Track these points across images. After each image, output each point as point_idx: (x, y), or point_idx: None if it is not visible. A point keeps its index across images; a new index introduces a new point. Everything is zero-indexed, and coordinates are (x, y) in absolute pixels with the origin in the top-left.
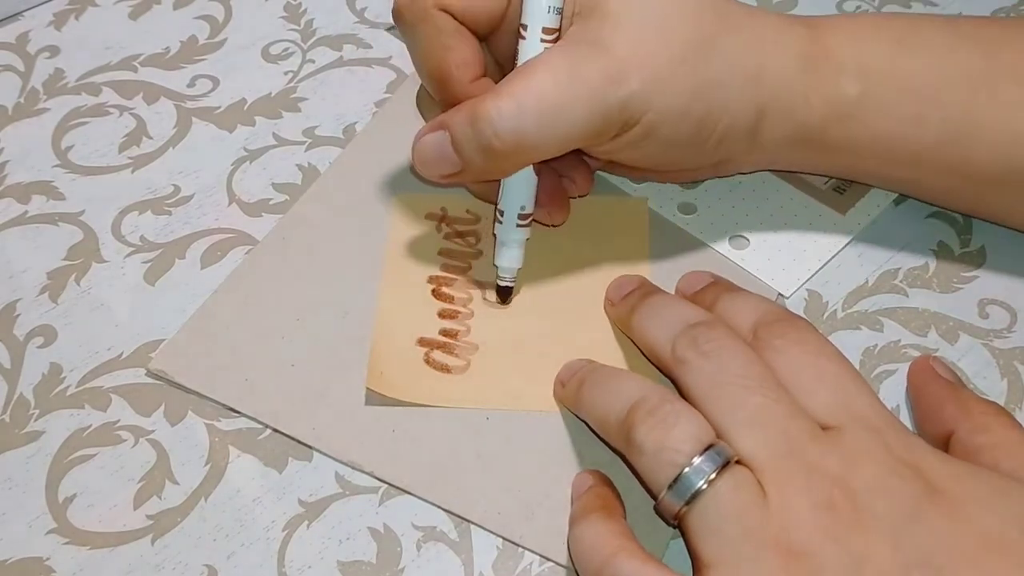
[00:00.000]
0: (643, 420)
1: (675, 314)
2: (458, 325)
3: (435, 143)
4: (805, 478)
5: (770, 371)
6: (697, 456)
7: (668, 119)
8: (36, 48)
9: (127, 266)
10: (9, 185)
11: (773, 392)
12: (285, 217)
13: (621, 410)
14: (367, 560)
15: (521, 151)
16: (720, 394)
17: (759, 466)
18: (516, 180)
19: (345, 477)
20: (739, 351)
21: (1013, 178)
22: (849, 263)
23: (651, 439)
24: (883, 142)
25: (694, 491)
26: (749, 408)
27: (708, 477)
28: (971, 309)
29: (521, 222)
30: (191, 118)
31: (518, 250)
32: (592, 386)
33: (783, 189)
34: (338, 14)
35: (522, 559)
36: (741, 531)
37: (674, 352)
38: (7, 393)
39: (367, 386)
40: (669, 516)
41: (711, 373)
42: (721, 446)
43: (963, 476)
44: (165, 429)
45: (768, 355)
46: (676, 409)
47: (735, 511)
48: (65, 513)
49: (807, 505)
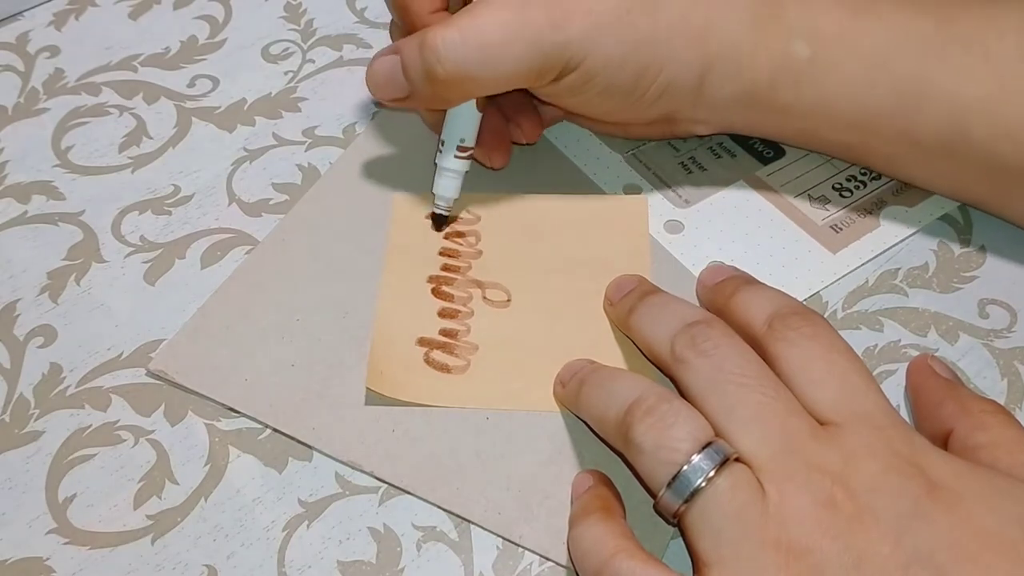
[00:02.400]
0: (641, 419)
1: (673, 313)
2: (458, 325)
3: (387, 66)
4: (805, 475)
5: (769, 370)
6: (696, 454)
7: (606, 68)
8: (36, 48)
9: (127, 266)
10: (9, 185)
11: (772, 390)
12: (285, 218)
13: (619, 409)
14: (367, 560)
15: (463, 82)
16: (719, 392)
17: (758, 464)
18: (459, 112)
19: (345, 477)
20: (738, 349)
21: (961, 148)
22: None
23: (649, 438)
24: (833, 104)
25: (693, 489)
26: (748, 406)
27: (707, 475)
28: (971, 309)
29: (460, 154)
30: (191, 118)
31: (455, 180)
32: (592, 386)
33: (776, 218)
34: (338, 14)
35: (522, 559)
36: (740, 529)
37: (673, 351)
38: (7, 393)
39: (367, 386)
40: (668, 515)
41: (709, 372)
42: (720, 444)
43: (964, 474)
44: (165, 429)
45: (780, 346)
46: (674, 408)
47: (734, 509)
48: (65, 513)
49: (807, 502)
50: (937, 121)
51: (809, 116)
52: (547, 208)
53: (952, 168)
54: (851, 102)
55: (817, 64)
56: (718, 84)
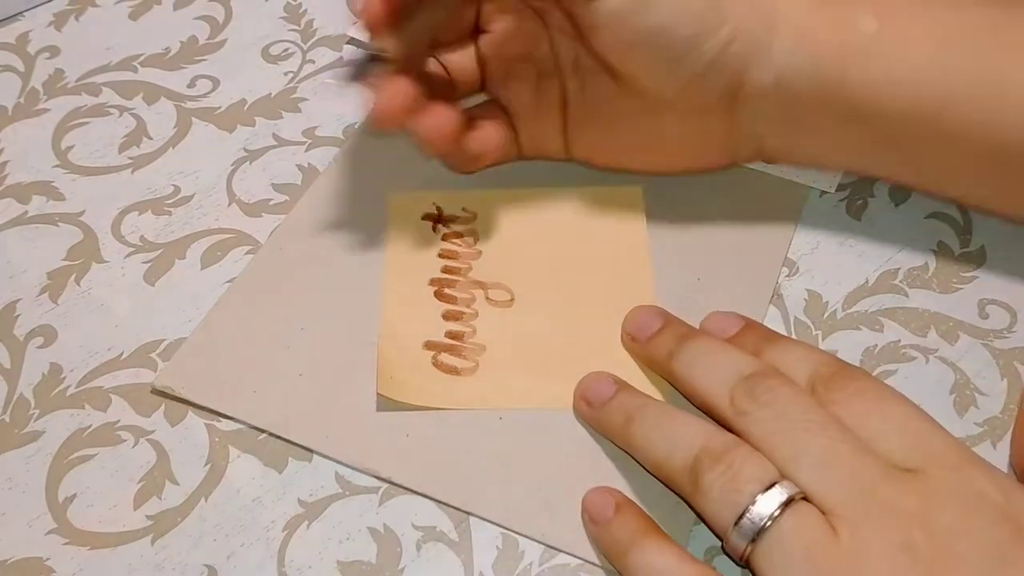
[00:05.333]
0: (711, 467)
1: (726, 363)
2: (463, 326)
3: None
4: (880, 518)
5: (832, 415)
6: (760, 494)
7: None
8: (36, 48)
9: (127, 266)
10: (9, 185)
11: (838, 433)
12: (281, 225)
13: (685, 457)
14: (367, 560)
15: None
16: (783, 440)
17: (830, 507)
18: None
19: (345, 477)
20: (798, 396)
21: (1011, 162)
22: (849, 263)
23: (718, 485)
24: (904, 86)
25: (758, 529)
26: (814, 451)
27: (772, 514)
28: (971, 309)
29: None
30: (191, 118)
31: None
32: (647, 427)
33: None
34: (338, 14)
35: (522, 559)
36: (810, 569)
37: (732, 404)
38: (7, 393)
39: (378, 392)
40: (737, 556)
41: (772, 420)
42: (785, 483)
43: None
44: (165, 429)
45: (830, 410)
46: (742, 454)
47: (801, 549)
48: (65, 513)
49: (884, 546)
50: (1001, 116)
51: (878, 105)
52: (542, 202)
53: (998, 176)
54: (923, 83)
55: (884, 40)
56: (782, 54)
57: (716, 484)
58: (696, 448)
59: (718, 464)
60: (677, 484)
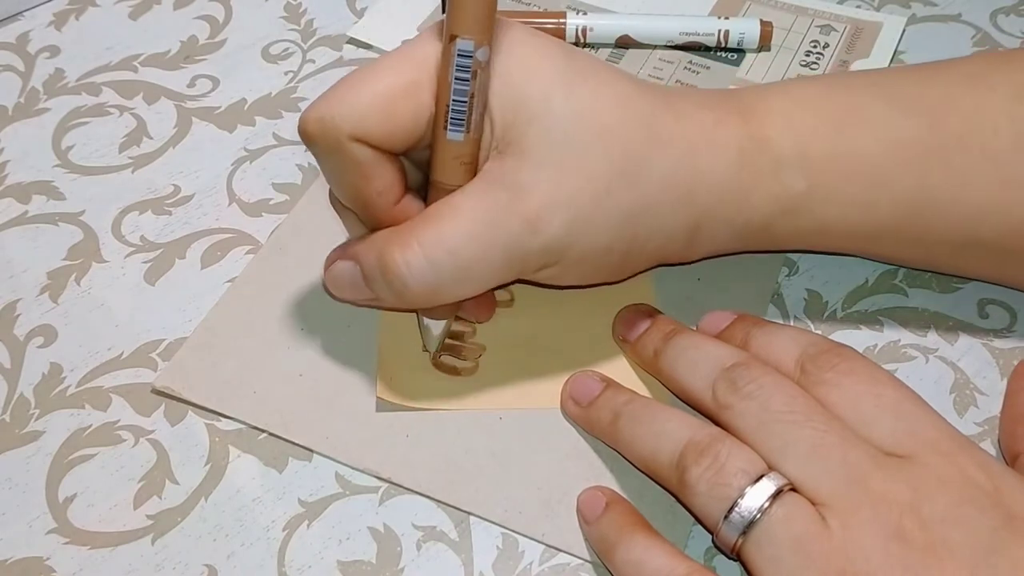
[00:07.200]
0: (697, 461)
1: (707, 357)
2: (463, 327)
3: (348, 272)
4: (871, 507)
5: (816, 403)
6: (749, 487)
7: (592, 254)
8: (36, 48)
9: (127, 266)
10: (9, 185)
11: (823, 423)
12: (282, 225)
13: (672, 452)
14: (367, 560)
15: (434, 297)
16: (769, 433)
17: (820, 498)
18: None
19: (345, 477)
20: (781, 387)
21: (972, 247)
22: (849, 263)
23: (705, 479)
24: (833, 229)
25: (748, 521)
26: (800, 442)
27: (761, 506)
28: (971, 309)
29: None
30: (191, 118)
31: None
32: (633, 423)
33: None
34: (338, 14)
35: (522, 559)
36: (801, 561)
37: (715, 398)
38: (7, 393)
39: (378, 395)
40: (728, 549)
41: (756, 413)
42: (773, 475)
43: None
44: (165, 429)
45: (820, 391)
46: (727, 447)
47: (792, 539)
48: (65, 513)
49: (875, 535)
50: (945, 229)
51: (808, 240)
52: None
53: (981, 262)
54: (853, 223)
55: (813, 195)
56: (710, 235)
57: (703, 478)
58: (682, 442)
59: (704, 458)
60: (665, 479)
